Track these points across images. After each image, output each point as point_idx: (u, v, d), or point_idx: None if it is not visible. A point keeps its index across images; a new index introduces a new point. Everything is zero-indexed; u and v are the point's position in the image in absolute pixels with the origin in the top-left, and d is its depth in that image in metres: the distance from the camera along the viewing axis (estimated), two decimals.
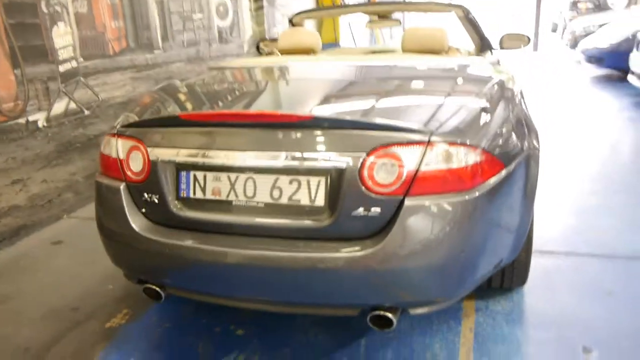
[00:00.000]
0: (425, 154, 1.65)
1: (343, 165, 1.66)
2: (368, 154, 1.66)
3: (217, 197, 1.81)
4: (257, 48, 4.45)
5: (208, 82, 2.43)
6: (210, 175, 1.81)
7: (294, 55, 3.13)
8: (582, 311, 2.35)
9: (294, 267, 1.70)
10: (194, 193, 1.83)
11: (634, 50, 6.66)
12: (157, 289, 1.97)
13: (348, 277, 1.68)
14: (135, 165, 1.89)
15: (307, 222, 1.72)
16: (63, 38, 3.77)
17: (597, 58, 8.13)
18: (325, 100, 1.97)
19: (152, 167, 1.85)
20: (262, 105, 1.98)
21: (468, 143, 1.71)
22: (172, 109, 2.01)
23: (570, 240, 3.01)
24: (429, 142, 1.66)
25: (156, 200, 1.87)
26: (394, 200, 1.66)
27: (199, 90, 2.32)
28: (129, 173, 1.91)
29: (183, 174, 1.84)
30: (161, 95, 2.29)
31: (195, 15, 5.49)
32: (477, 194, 1.70)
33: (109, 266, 2.81)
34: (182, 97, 2.23)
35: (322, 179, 1.70)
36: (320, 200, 1.71)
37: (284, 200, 1.74)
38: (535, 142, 2.19)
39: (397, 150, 1.65)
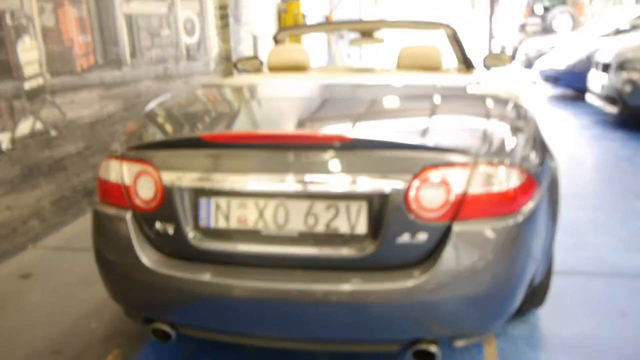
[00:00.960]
0: (472, 176, 1.56)
1: (387, 189, 1.54)
2: (414, 177, 1.54)
3: (243, 227, 1.64)
4: (235, 66, 4.30)
5: (212, 100, 2.25)
6: (234, 202, 1.64)
7: (287, 73, 3.00)
8: (602, 333, 2.30)
9: (334, 301, 1.55)
10: (216, 222, 1.65)
11: (593, 70, 6.93)
12: (168, 328, 1.76)
13: (394, 309, 1.55)
14: (145, 191, 1.69)
15: (347, 252, 1.58)
16: (29, 53, 3.48)
17: (553, 78, 8.42)
18: (357, 119, 1.84)
19: (166, 193, 1.66)
20: (285, 126, 1.83)
21: (512, 163, 1.63)
22: (186, 129, 1.82)
23: (571, 259, 2.99)
24: (475, 163, 1.57)
25: (170, 231, 1.67)
26: (440, 226, 1.55)
27: (205, 108, 2.14)
28: (136, 201, 1.71)
29: (203, 201, 1.66)
30: (165, 113, 2.10)
31: (163, 31, 5.26)
32: (521, 216, 1.62)
33: (88, 301, 2.57)
34: (189, 115, 2.03)
35: (364, 204, 1.57)
36: (361, 228, 1.57)
37: (320, 228, 1.59)
38: (553, 159, 2.15)
39: (444, 172, 1.55)
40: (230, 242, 1.65)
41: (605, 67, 6.70)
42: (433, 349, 1.61)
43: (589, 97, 7.03)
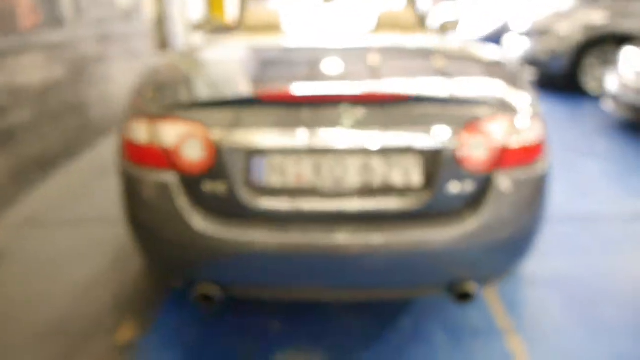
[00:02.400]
0: (510, 127, 1.71)
1: (440, 142, 1.66)
2: (463, 130, 1.67)
3: (299, 184, 1.69)
4: (199, 28, 4.16)
5: (232, 59, 2.20)
6: (290, 159, 1.68)
7: (272, 34, 2.98)
8: (572, 269, 2.62)
9: (392, 250, 1.66)
10: (271, 181, 1.69)
11: (513, 36, 7.46)
12: (215, 290, 1.79)
13: (448, 254, 1.69)
14: (192, 153, 1.68)
15: (402, 204, 1.69)
16: None
17: None
18: (393, 77, 1.91)
19: (218, 154, 1.66)
20: (330, 84, 1.84)
21: (535, 114, 1.80)
22: (232, 87, 1.79)
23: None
24: (512, 115, 1.73)
25: (222, 192, 1.69)
26: (484, 176, 1.70)
27: (232, 66, 2.08)
28: (182, 162, 1.70)
29: (257, 159, 1.68)
30: (189, 70, 2.04)
31: None
32: (545, 163, 1.81)
33: (78, 279, 2.47)
34: (221, 74, 1.98)
35: (418, 158, 1.68)
36: (415, 180, 1.69)
37: (377, 182, 1.68)
38: None
39: (489, 124, 1.69)
40: (286, 201, 1.70)
41: (524, 35, 7.24)
42: (474, 288, 1.78)
43: None
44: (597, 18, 6.66)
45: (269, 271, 1.73)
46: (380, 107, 1.66)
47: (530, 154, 1.76)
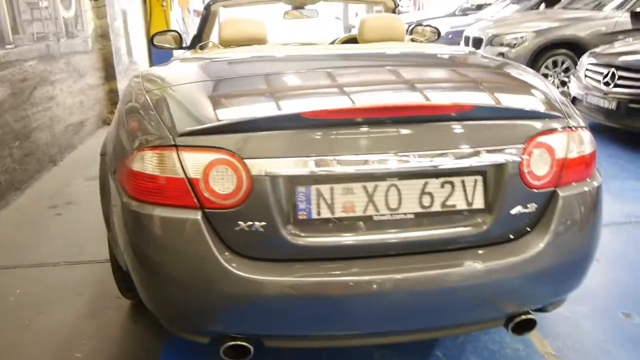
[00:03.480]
0: (569, 141, 1.58)
1: (502, 159, 1.49)
2: (526, 146, 1.51)
3: (350, 214, 1.45)
4: (152, 42, 3.84)
5: (245, 75, 1.92)
6: (339, 187, 1.44)
7: (261, 46, 2.73)
8: None
9: (455, 282, 1.47)
10: (318, 213, 1.44)
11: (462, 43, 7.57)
12: (248, 343, 1.51)
13: (515, 282, 1.53)
14: (223, 185, 1.41)
15: (464, 229, 1.51)
16: None
17: None
18: (441, 88, 1.73)
19: (255, 185, 1.40)
20: (374, 99, 1.62)
21: (586, 127, 1.67)
22: (262, 108, 1.53)
23: None
24: (570, 128, 1.59)
25: (260, 229, 1.42)
26: (547, 193, 1.56)
27: (252, 84, 1.80)
28: (210, 197, 1.42)
29: (301, 189, 1.43)
30: (208, 87, 1.76)
31: (42, 2, 4.46)
32: (598, 177, 1.69)
33: (52, 327, 2.12)
34: (243, 93, 1.72)
35: (479, 177, 1.50)
36: (478, 202, 1.50)
37: (436, 207, 1.48)
38: None
39: (550, 138, 1.55)
40: (335, 235, 1.46)
41: (476, 42, 7.35)
42: (532, 316, 1.61)
43: None
44: (545, 24, 6.85)
45: (318, 316, 1.47)
46: (436, 123, 1.47)
47: (587, 166, 1.64)
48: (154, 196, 1.47)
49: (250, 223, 1.42)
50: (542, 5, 9.62)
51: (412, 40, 3.25)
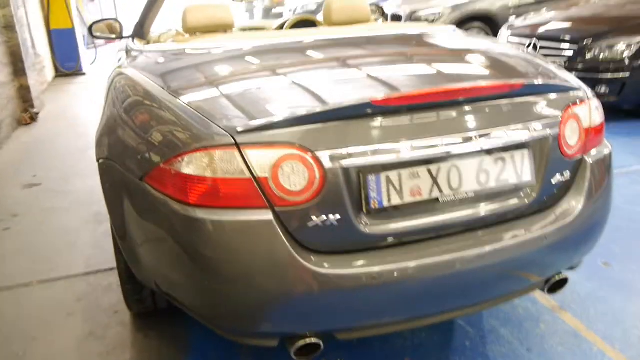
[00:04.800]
0: (590, 111, 1.70)
1: (543, 132, 1.59)
2: (562, 118, 1.61)
3: (418, 198, 1.46)
4: (90, 32, 3.55)
5: (279, 66, 1.84)
6: (405, 172, 1.45)
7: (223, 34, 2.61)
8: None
9: (516, 252, 1.54)
10: (389, 200, 1.44)
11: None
12: (319, 340, 1.49)
13: (559, 245, 1.63)
14: (294, 181, 1.36)
15: (515, 201, 1.58)
16: None
17: None
18: (469, 69, 1.76)
19: (328, 177, 1.37)
20: (417, 83, 1.62)
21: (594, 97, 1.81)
22: (329, 97, 1.47)
23: None
24: (588, 98, 1.71)
25: (335, 222, 1.39)
26: (577, 160, 1.67)
27: (294, 75, 1.73)
28: (281, 195, 1.36)
29: (371, 178, 1.41)
30: (257, 82, 1.67)
31: None
32: (608, 144, 1.83)
33: (53, 356, 2.07)
34: (289, 85, 1.65)
35: (526, 151, 1.57)
36: (527, 175, 1.58)
37: (492, 183, 1.54)
38: None
39: (577, 109, 1.67)
40: (405, 220, 1.46)
41: (395, 18, 7.54)
42: (565, 275, 1.73)
43: None
44: (457, 1, 7.19)
45: (398, 302, 1.48)
46: (485, 103, 1.53)
47: (601, 133, 1.77)
48: (215, 200, 1.38)
49: (324, 217, 1.38)
50: None
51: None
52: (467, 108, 1.50)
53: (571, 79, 1.76)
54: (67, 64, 8.24)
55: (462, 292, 1.54)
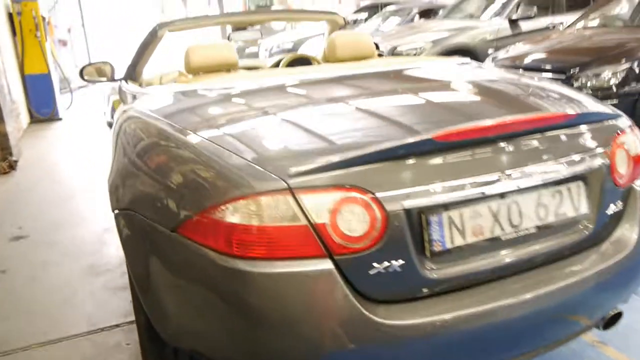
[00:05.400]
0: (634, 139, 1.67)
1: (597, 162, 1.53)
2: (612, 147, 1.56)
3: (479, 238, 1.37)
4: (81, 76, 3.44)
5: (334, 101, 1.78)
6: (467, 211, 1.36)
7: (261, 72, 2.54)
8: None
9: (586, 287, 1.47)
10: (452, 241, 1.34)
11: None
12: None
13: (622, 276, 1.57)
14: (354, 226, 1.25)
15: (575, 235, 1.51)
16: None
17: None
18: (504, 104, 1.71)
19: (389, 221, 1.26)
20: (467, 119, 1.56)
21: None
22: (386, 135, 1.39)
23: None
24: (632, 126, 1.68)
25: (398, 269, 1.29)
26: (627, 189, 1.63)
27: (352, 111, 1.67)
28: (340, 241, 1.25)
29: (433, 219, 1.32)
30: (301, 123, 1.57)
31: None
32: None
33: None
34: (349, 120, 1.59)
35: (581, 183, 1.51)
36: (583, 207, 1.52)
37: (551, 217, 1.47)
38: None
39: (624, 138, 1.63)
40: (469, 261, 1.37)
41: None
42: (620, 310, 1.66)
43: None
44: (437, 35, 7.33)
45: (456, 352, 1.37)
46: (540, 135, 1.47)
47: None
48: (265, 250, 1.25)
49: (386, 264, 1.27)
50: (417, 17, 10.32)
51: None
52: (523, 141, 1.44)
53: (611, 107, 1.73)
54: (42, 110, 8.01)
55: (527, 336, 1.44)
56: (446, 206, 1.33)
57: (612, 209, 1.57)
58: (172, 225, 1.43)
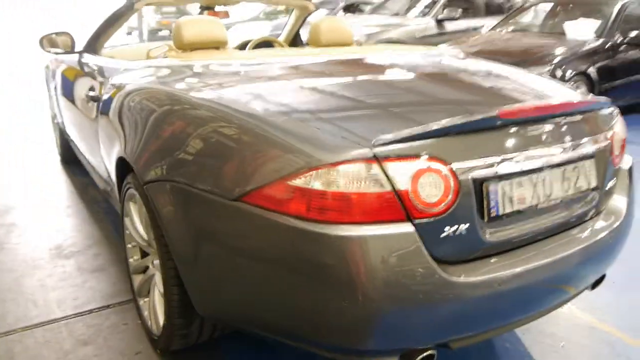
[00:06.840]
0: (621, 123, 1.95)
1: (602, 144, 1.78)
2: (611, 130, 1.82)
3: (522, 206, 1.56)
4: (41, 45, 3.25)
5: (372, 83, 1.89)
6: (514, 182, 1.54)
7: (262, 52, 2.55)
8: None
9: (598, 248, 1.72)
10: (504, 208, 1.52)
11: None
12: (435, 352, 1.51)
13: (617, 243, 1.82)
14: (432, 192, 1.38)
15: (585, 206, 1.75)
16: None
17: None
18: (515, 90, 1.92)
19: (461, 188, 1.41)
20: (481, 100, 1.74)
21: None
22: (453, 111, 1.54)
23: None
24: (619, 114, 1.96)
25: (464, 232, 1.43)
26: (617, 168, 1.90)
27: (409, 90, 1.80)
28: (420, 207, 1.37)
29: (492, 188, 1.48)
30: (373, 98, 1.69)
31: None
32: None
33: None
34: (399, 101, 1.70)
35: (592, 161, 1.75)
36: (593, 181, 1.76)
37: (571, 190, 1.69)
38: None
39: (617, 123, 1.90)
40: (514, 227, 1.54)
41: None
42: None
43: None
44: (369, 30, 7.61)
45: (510, 308, 1.56)
46: (564, 118, 1.68)
47: (624, 144, 2.02)
48: (351, 215, 1.34)
49: (455, 227, 1.41)
50: (341, 12, 10.58)
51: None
52: (556, 123, 1.64)
53: (599, 96, 2.01)
54: None
55: (555, 292, 1.66)
56: (501, 177, 1.50)
57: (610, 184, 1.83)
58: (234, 195, 1.46)
